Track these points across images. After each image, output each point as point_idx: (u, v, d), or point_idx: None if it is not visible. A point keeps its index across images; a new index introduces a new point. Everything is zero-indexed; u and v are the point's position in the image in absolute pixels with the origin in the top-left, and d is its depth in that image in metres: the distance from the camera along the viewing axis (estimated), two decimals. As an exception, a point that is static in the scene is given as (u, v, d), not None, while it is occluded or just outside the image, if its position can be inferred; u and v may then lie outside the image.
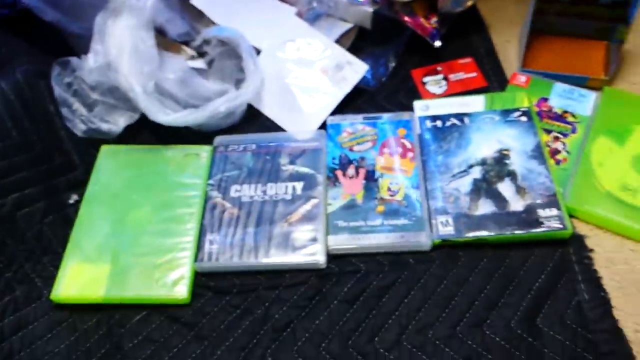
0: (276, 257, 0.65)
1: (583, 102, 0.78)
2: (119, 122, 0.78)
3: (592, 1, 0.81)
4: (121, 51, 0.75)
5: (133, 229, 0.68)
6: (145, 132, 0.79)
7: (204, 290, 0.64)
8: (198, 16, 0.89)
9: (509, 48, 0.89)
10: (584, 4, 0.82)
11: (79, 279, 0.64)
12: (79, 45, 0.80)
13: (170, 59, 0.82)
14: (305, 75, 0.84)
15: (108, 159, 0.76)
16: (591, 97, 0.78)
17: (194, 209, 0.70)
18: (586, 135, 0.75)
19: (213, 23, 0.88)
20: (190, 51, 0.87)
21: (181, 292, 0.63)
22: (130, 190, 0.72)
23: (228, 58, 0.85)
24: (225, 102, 0.78)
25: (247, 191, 0.72)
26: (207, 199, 0.71)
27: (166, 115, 0.75)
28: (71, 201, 0.73)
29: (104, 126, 0.77)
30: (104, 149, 0.77)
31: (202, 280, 0.65)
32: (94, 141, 0.77)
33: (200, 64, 0.86)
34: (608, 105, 0.78)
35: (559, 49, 0.86)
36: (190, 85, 0.80)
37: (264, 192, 0.72)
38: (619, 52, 0.81)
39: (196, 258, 0.66)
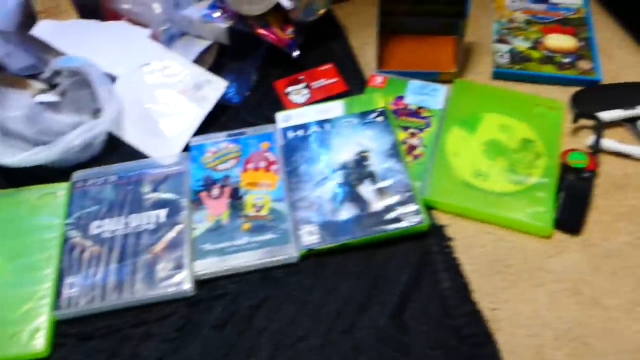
0: (141, 292, 0.63)
1: (435, 96, 0.81)
2: (-40, 169, 0.72)
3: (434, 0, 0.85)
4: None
5: (-19, 285, 0.64)
6: (-5, 177, 0.74)
7: (66, 339, 0.61)
8: (45, 47, 0.85)
9: (367, 50, 0.92)
10: (427, 2, 0.86)
11: None
12: None
13: (13, 96, 0.77)
14: (165, 98, 0.82)
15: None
16: (442, 90, 0.82)
17: (52, 252, 0.67)
18: (440, 127, 0.78)
19: (62, 53, 0.84)
20: (38, 85, 0.83)
21: (38, 345, 0.59)
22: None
23: (82, 88, 0.82)
24: (80, 135, 0.75)
25: (108, 226, 0.69)
26: (65, 239, 0.68)
27: (12, 157, 0.71)
28: None
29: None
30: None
31: (63, 328, 0.62)
32: None
33: (50, 97, 0.82)
34: (458, 97, 0.81)
35: (411, 47, 0.89)
36: (38, 121, 0.76)
37: (127, 224, 0.69)
38: (463, 45, 0.85)
39: (55, 305, 0.62)
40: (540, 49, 0.87)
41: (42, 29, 0.84)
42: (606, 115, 0.77)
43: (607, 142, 0.75)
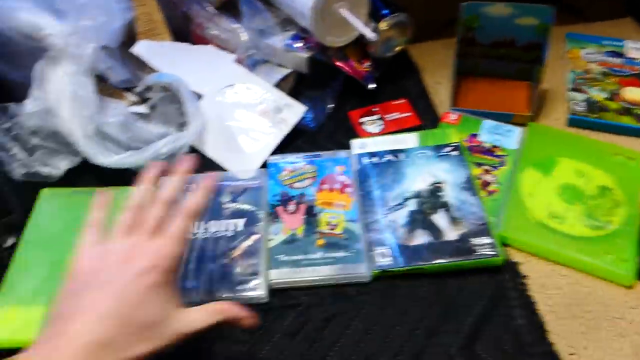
0: (217, 293, 0.65)
1: (510, 137, 0.83)
2: (59, 165, 0.78)
3: (510, 44, 0.88)
4: (60, 97, 0.75)
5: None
6: (87, 176, 0.79)
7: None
8: (141, 64, 0.91)
9: (440, 89, 0.94)
10: (503, 47, 0.88)
11: (11, 323, 0.62)
12: (18, 92, 0.80)
13: (111, 104, 0.82)
14: (246, 118, 0.86)
15: (47, 202, 0.75)
16: (517, 132, 0.83)
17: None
18: (514, 167, 0.79)
19: (155, 70, 0.90)
20: (132, 97, 0.88)
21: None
22: (70, 233, 0.70)
23: (170, 103, 0.86)
24: (167, 144, 0.79)
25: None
26: (147, 239, 0.71)
27: (107, 157, 0.76)
28: (7, 245, 0.71)
29: (44, 170, 0.76)
30: (44, 192, 0.76)
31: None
32: (34, 185, 0.76)
33: (142, 108, 0.87)
34: (533, 139, 0.82)
35: (485, 88, 0.92)
36: (131, 129, 0.81)
37: (206, 229, 0.72)
38: (538, 91, 0.86)
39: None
40: (618, 101, 0.88)
41: (141, 48, 0.90)
42: (686, 169, 0.76)
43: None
